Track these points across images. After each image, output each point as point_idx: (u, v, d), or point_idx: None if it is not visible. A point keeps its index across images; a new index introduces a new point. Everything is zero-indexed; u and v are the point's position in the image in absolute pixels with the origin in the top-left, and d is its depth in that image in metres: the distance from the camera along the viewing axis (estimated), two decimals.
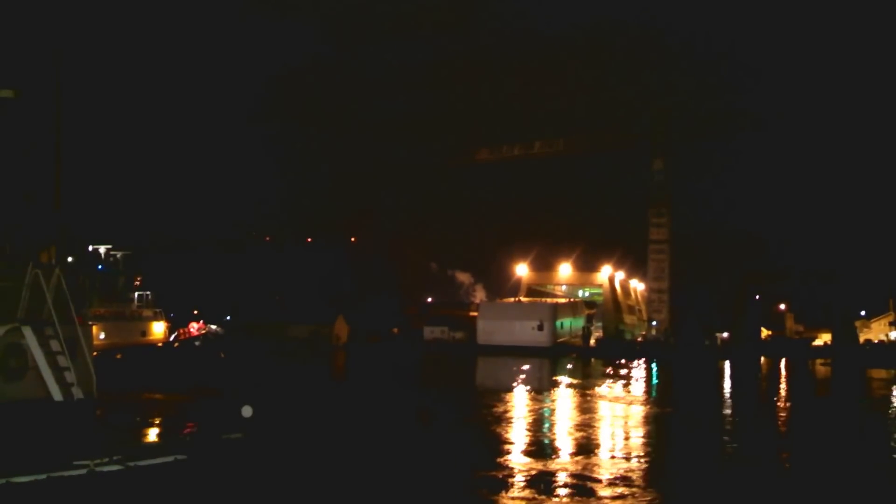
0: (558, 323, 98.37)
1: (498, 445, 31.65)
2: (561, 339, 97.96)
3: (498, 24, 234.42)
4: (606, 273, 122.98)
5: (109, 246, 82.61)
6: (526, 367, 72.08)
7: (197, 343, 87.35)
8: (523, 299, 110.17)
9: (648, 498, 23.30)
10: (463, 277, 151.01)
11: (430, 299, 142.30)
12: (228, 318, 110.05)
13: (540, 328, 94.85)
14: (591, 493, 23.52)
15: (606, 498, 23.14)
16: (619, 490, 24.00)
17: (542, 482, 24.78)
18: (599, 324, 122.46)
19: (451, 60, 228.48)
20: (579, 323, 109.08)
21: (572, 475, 25.95)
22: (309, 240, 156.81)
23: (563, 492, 23.66)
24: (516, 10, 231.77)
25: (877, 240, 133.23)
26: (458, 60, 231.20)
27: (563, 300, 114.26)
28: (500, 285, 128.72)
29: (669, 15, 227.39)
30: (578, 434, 35.05)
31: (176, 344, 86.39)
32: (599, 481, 25.04)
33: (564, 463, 28.18)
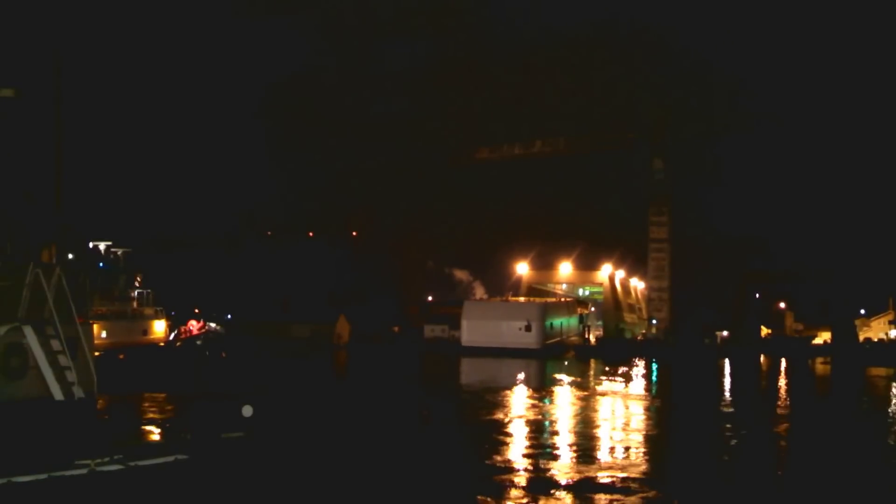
0: (548, 323, 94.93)
1: (498, 446, 31.67)
2: (552, 340, 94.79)
3: (498, 24, 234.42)
4: (607, 272, 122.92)
5: (110, 243, 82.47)
6: (526, 366, 72.11)
7: (199, 342, 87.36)
8: (511, 298, 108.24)
9: (651, 499, 23.30)
10: (461, 275, 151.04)
11: (430, 298, 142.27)
12: (229, 316, 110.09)
13: (528, 329, 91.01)
14: (593, 496, 23.52)
15: (609, 500, 23.14)
16: (621, 491, 24.00)
17: (542, 484, 24.79)
18: (600, 322, 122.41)
19: (452, 59, 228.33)
20: (573, 322, 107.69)
21: (573, 476, 25.96)
22: (311, 234, 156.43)
23: (563, 494, 23.65)
24: (517, 9, 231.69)
25: (876, 238, 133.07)
26: (458, 59, 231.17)
27: (552, 299, 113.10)
28: (501, 284, 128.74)
29: (671, 14, 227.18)
30: (579, 434, 35.07)
31: (178, 343, 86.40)
32: (601, 483, 25.05)
33: (565, 464, 28.19)
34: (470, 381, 64.04)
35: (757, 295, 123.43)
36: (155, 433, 28.43)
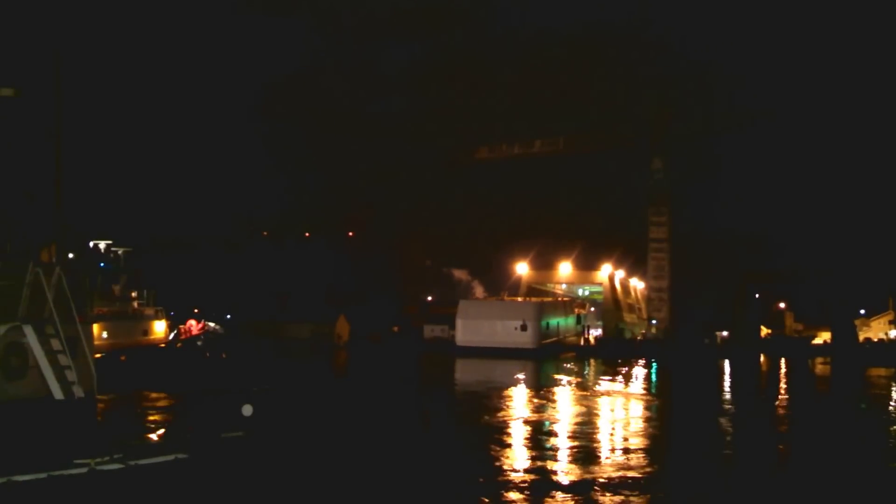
0: (544, 322, 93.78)
1: (499, 446, 31.65)
2: (548, 340, 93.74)
3: (497, 24, 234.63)
4: (606, 272, 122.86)
5: (110, 242, 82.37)
6: (523, 366, 72.07)
7: (199, 342, 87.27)
8: (507, 297, 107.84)
9: (653, 499, 23.29)
10: (461, 275, 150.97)
11: (430, 298, 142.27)
12: (229, 316, 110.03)
13: (523, 328, 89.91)
14: (596, 496, 23.50)
15: (612, 500, 23.13)
16: (623, 492, 23.99)
17: (544, 484, 24.77)
18: (599, 322, 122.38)
19: (452, 59, 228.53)
20: (571, 322, 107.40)
21: (574, 477, 25.94)
22: (307, 234, 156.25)
23: (566, 495, 23.63)
24: (517, 8, 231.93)
25: (876, 238, 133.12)
26: (457, 59, 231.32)
27: (549, 299, 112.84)
28: (501, 283, 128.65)
29: (670, 14, 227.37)
30: (580, 435, 35.05)
31: (178, 343, 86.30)
32: (603, 483, 25.03)
33: (567, 464, 28.18)
34: (469, 381, 64.00)
35: (757, 295, 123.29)
36: (155, 433, 28.44)
